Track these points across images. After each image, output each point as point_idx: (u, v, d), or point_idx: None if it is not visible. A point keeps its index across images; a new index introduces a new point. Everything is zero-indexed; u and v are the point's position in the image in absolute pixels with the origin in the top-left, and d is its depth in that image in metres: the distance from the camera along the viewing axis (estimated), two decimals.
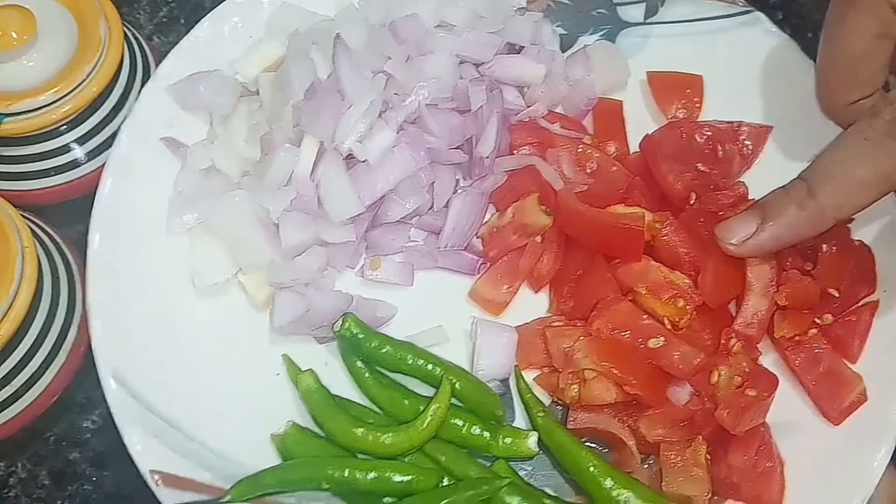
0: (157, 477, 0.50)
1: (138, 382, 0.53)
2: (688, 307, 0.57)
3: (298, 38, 0.61)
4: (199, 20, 0.71)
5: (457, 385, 0.56)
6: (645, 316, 0.57)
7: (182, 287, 0.58)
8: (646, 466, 0.56)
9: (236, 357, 0.57)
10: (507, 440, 0.55)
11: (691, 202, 0.60)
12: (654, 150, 0.62)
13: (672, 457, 0.55)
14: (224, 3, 0.66)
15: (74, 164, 0.71)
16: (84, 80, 0.67)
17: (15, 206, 0.65)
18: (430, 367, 0.56)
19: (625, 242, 0.58)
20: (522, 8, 0.66)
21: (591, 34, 0.68)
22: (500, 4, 0.64)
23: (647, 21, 0.68)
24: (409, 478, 0.53)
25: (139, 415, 0.52)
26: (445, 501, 0.52)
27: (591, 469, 0.54)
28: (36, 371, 0.64)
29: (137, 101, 0.63)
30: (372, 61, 0.58)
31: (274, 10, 0.65)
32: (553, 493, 0.55)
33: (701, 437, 0.55)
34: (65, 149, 0.70)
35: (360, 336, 0.56)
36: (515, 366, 0.58)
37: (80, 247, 0.72)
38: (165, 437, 0.52)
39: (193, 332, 0.57)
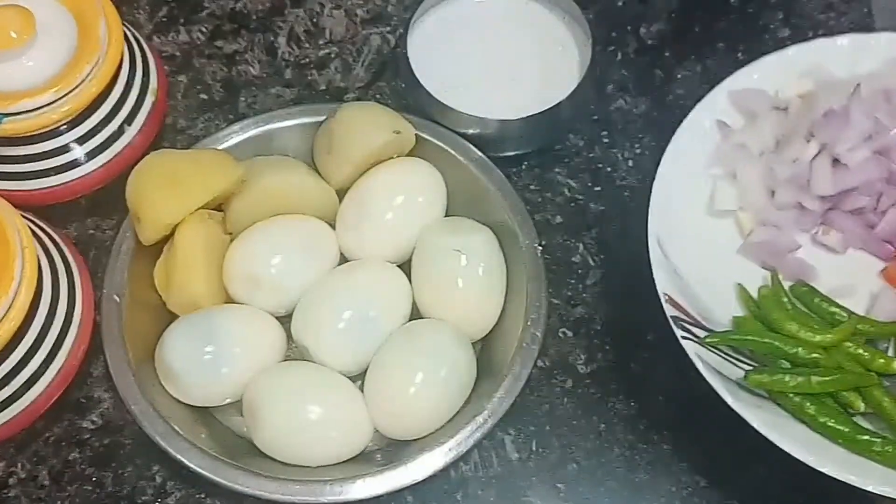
0: (666, 295, 0.85)
1: (668, 246, 0.88)
2: None
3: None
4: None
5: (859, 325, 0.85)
6: None
7: (702, 208, 0.92)
8: None
9: (709, 256, 0.89)
10: (881, 360, 0.84)
11: None
12: None
13: None
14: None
15: (74, 164, 0.72)
16: (84, 80, 0.67)
17: (14, 206, 0.65)
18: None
19: None
20: None
21: None
22: None
23: None
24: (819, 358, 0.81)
25: (664, 264, 0.87)
26: (830, 378, 0.80)
27: None
28: (35, 371, 0.66)
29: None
30: (876, 106, 0.89)
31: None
32: None
33: None
34: (64, 149, 0.71)
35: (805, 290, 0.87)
36: None
37: (80, 247, 0.74)
38: (676, 282, 0.86)
39: (699, 234, 0.90)
